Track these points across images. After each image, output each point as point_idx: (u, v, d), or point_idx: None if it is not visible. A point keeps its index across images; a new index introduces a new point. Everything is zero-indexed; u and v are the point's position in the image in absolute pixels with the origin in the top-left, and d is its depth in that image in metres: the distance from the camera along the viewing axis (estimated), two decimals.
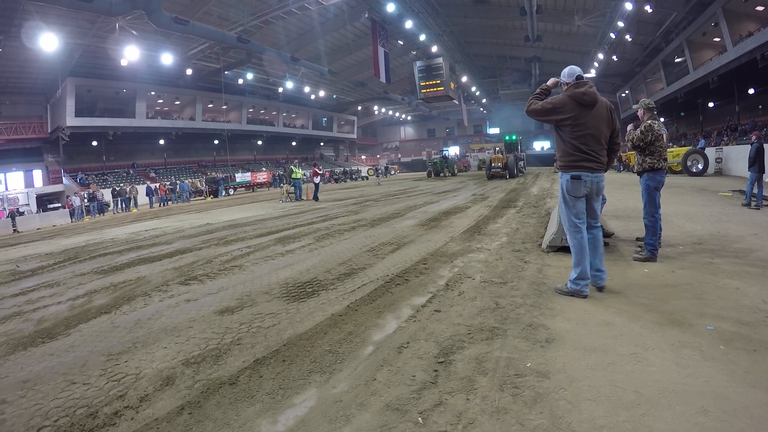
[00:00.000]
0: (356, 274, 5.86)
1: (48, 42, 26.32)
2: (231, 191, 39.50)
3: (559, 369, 2.92)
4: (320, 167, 23.97)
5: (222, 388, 3.11)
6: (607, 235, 6.54)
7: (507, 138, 38.01)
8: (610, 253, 5.91)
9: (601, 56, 38.28)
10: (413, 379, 2.93)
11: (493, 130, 71.36)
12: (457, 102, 52.07)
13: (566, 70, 4.43)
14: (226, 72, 39.54)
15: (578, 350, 3.18)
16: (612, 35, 33.57)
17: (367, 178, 51.66)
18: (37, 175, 38.25)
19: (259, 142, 55.53)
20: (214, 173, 43.45)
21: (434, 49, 39.17)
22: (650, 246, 5.59)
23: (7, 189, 35.18)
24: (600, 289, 4.44)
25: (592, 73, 40.61)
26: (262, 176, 44.72)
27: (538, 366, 2.98)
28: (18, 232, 23.09)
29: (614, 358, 3.01)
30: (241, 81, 42.33)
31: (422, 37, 36.77)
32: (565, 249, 6.13)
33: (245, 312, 4.71)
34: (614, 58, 38.87)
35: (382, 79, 36.91)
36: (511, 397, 2.64)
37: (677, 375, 2.77)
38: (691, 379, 2.71)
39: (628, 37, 34.00)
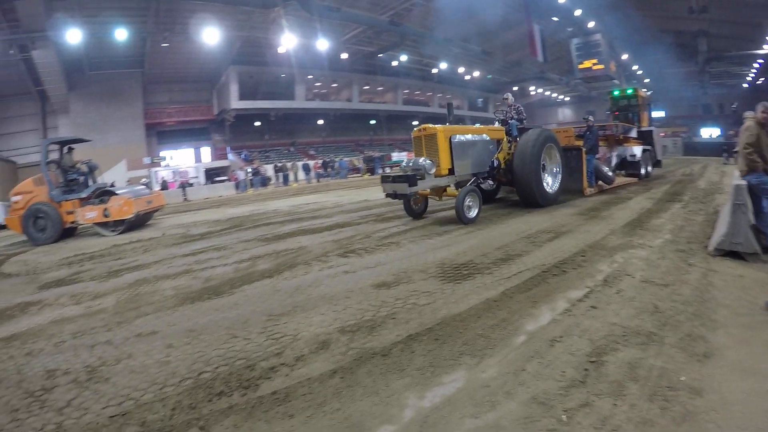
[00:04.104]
0: (512, 261, 5.78)
1: (210, 35, 29.58)
2: (387, 170, 40.82)
3: (714, 388, 2.69)
4: None
5: (374, 358, 3.28)
6: None
7: (616, 92, 19.99)
8: None
9: None
10: (562, 375, 2.88)
11: (657, 113, 64.23)
12: (618, 82, 48.17)
13: None
14: (380, 55, 40.69)
15: (736, 371, 2.89)
16: None
17: None
18: (205, 151, 43.74)
19: (415, 123, 56.28)
20: (370, 152, 45.07)
21: (591, 24, 36.70)
22: None
23: (177, 164, 40.06)
24: None
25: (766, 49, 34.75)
26: None
27: (692, 381, 2.77)
28: (188, 201, 26.01)
29: None
30: (395, 63, 43.21)
31: (578, 12, 34.53)
32: (734, 254, 5.55)
33: (401, 288, 4.86)
34: None
35: (539, 57, 35.56)
36: (660, 410, 2.50)
37: None
38: None
39: None
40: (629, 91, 19.70)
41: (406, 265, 5.83)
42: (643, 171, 16.35)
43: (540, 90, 66.78)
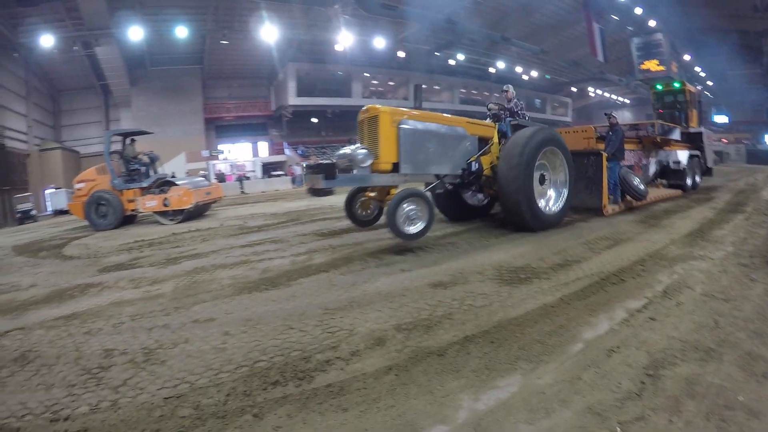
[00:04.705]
0: (570, 266, 5.68)
1: (268, 33, 30.40)
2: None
3: None
4: None
5: (430, 357, 3.29)
6: None
7: (659, 86, 17.22)
8: None
9: None
10: (618, 387, 2.84)
11: (720, 118, 60.32)
12: None
13: None
14: (436, 53, 40.57)
15: None
16: None
17: None
18: (262, 146, 45.44)
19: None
20: None
21: (652, 23, 35.31)
22: None
23: (235, 158, 41.73)
24: None
25: None
26: None
27: (750, 402, 2.66)
28: (245, 193, 26.73)
29: None
30: (452, 62, 42.98)
31: (638, 11, 33.33)
32: None
33: (458, 288, 4.84)
34: None
35: (599, 57, 34.57)
36: (716, 430, 2.42)
37: None
38: None
39: None
40: (676, 85, 16.77)
41: (462, 266, 5.81)
42: (689, 181, 13.86)
43: (599, 91, 65.04)
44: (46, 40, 29.29)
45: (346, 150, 7.18)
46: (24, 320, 5.23)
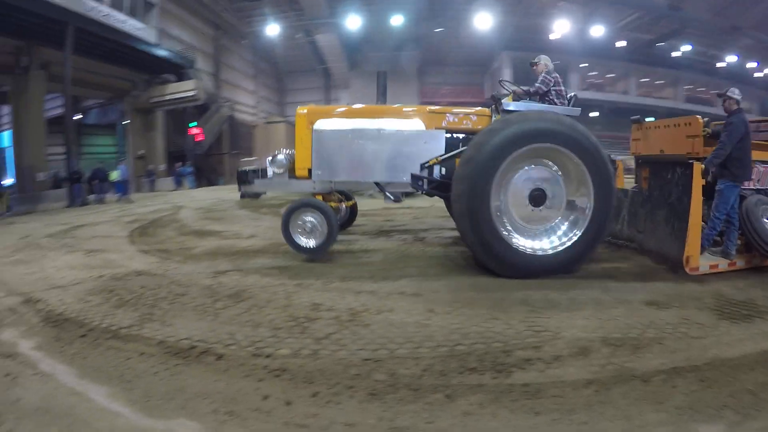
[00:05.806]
0: None
1: (482, 21, 30.19)
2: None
3: None
4: None
5: (633, 380, 3.05)
6: None
7: None
8: None
9: None
10: None
11: None
12: None
13: None
14: (658, 44, 37.09)
15: None
16: None
17: None
18: None
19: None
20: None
21: None
22: None
23: None
24: None
25: None
26: None
27: None
28: None
29: None
30: (676, 53, 38.87)
31: None
32: None
33: (673, 312, 4.39)
34: None
35: None
36: None
37: None
38: None
39: None
40: None
41: (679, 288, 5.19)
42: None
43: None
44: (272, 29, 33.97)
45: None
46: (241, 264, 6.12)
